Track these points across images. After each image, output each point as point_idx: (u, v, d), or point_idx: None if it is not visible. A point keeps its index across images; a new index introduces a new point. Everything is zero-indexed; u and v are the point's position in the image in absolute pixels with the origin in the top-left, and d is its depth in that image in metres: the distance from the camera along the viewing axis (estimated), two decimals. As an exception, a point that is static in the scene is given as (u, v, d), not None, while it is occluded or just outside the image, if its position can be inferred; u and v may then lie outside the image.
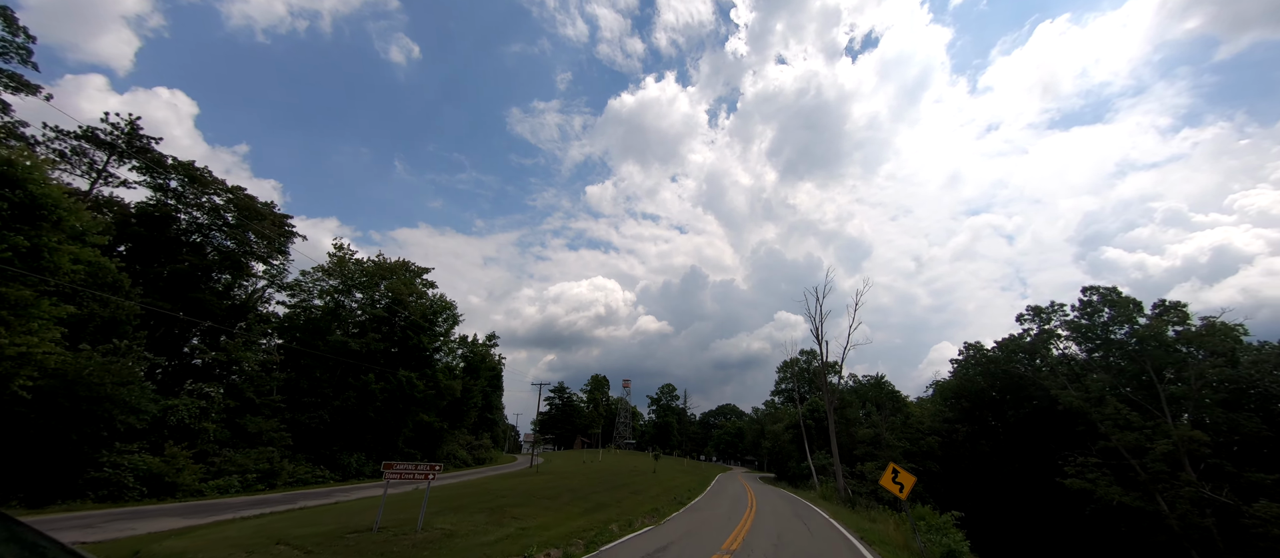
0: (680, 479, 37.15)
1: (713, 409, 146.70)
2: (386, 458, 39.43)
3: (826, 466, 44.36)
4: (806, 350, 62.35)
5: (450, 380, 43.30)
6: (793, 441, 52.87)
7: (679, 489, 29.23)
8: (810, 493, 35.11)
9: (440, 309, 44.24)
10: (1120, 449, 32.69)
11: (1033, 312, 43.73)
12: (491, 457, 63.01)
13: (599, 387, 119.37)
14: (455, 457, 53.60)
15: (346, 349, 35.24)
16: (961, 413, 55.27)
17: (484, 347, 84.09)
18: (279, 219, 37.39)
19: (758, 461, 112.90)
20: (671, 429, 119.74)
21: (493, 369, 70.05)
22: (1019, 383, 44.96)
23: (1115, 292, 39.60)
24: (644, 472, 39.68)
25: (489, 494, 20.42)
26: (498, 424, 70.26)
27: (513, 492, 21.72)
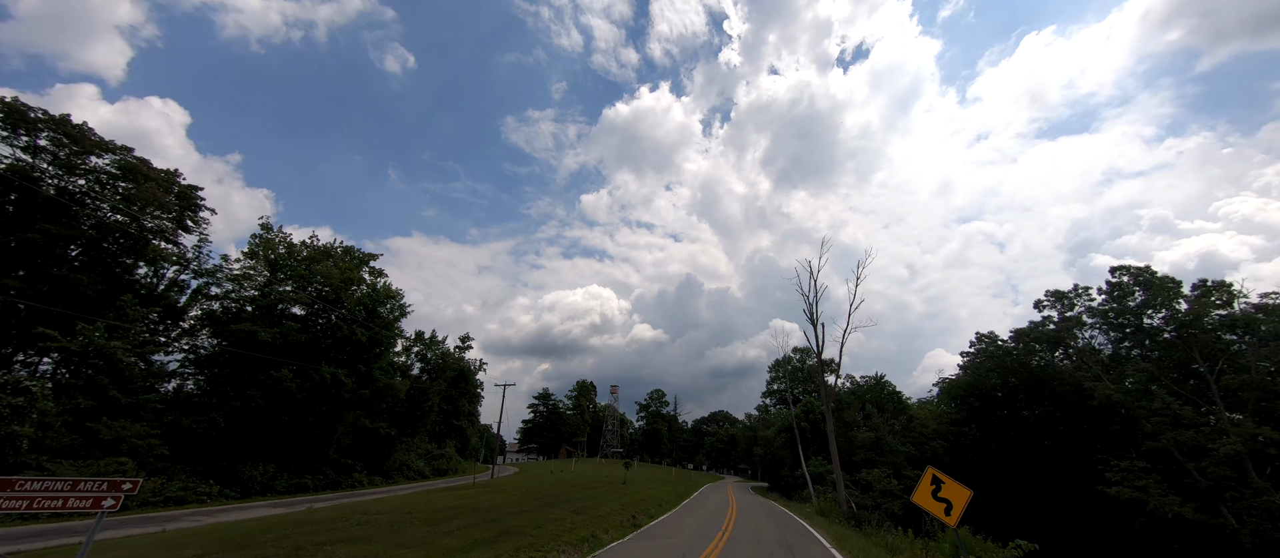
0: (653, 491, 31.39)
1: (705, 416, 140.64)
2: (313, 469, 33.51)
3: (824, 473, 38.70)
4: (800, 349, 56.86)
5: (390, 379, 37.44)
6: (785, 446, 47.18)
7: (644, 504, 23.51)
8: (805, 507, 29.45)
9: (383, 298, 38.48)
10: (1172, 450, 27.29)
11: (1053, 297, 38.47)
12: (457, 467, 56.88)
13: (585, 393, 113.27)
14: (410, 468, 47.53)
15: (252, 340, 29.45)
16: (970, 413, 49.84)
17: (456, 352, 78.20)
18: (183, 190, 31.77)
19: (750, 469, 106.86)
20: (661, 437, 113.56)
21: (460, 371, 64.18)
22: (1039, 377, 39.62)
23: (1149, 271, 34.44)
24: (611, 483, 33.88)
25: (357, 520, 14.69)
26: (466, 432, 64.14)
27: (401, 514, 16.01)
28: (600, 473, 46.10)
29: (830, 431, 25.94)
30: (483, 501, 20.05)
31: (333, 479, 35.53)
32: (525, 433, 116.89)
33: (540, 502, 20.10)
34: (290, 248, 36.53)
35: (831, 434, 25.85)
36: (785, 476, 50.36)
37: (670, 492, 34.70)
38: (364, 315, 38.37)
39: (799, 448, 38.37)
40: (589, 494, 24.50)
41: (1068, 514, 35.58)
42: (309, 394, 30.94)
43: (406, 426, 45.24)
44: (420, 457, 51.11)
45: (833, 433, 25.87)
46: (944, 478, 9.07)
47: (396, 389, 37.94)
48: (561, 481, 35.03)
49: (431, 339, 49.02)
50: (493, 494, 22.60)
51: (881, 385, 58.89)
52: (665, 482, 47.82)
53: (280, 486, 29.61)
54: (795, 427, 40.03)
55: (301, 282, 34.32)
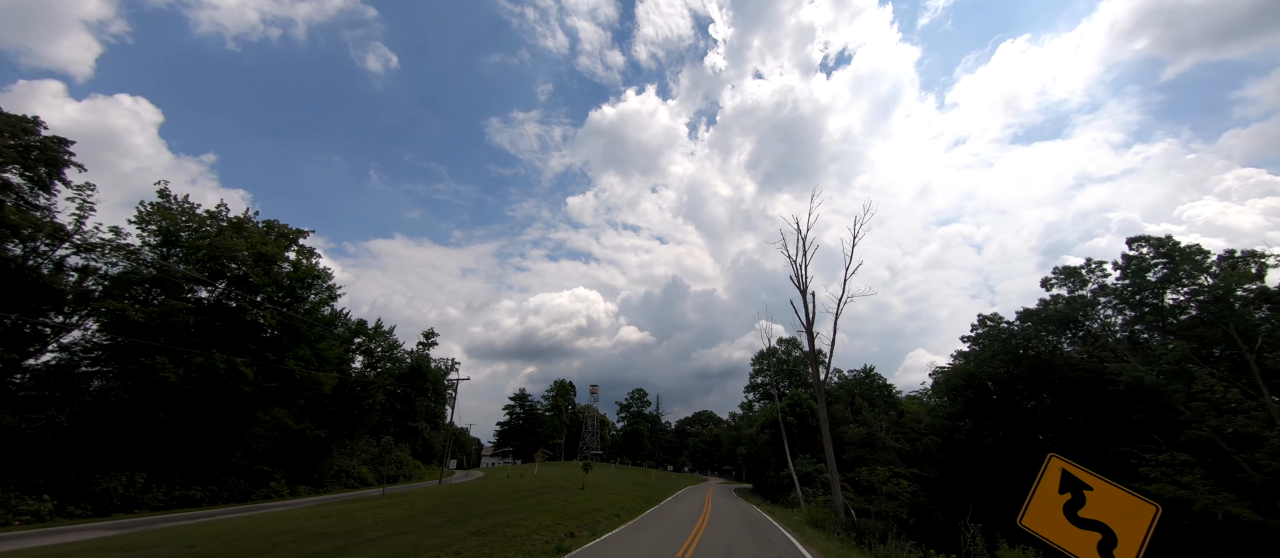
0: (613, 498, 26.39)
1: (689, 417, 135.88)
2: (208, 479, 27.81)
3: (813, 473, 34.09)
4: (786, 339, 52.41)
5: (313, 372, 31.88)
6: (770, 444, 42.53)
7: (592, 516, 18.55)
8: (793, 514, 24.75)
9: (306, 277, 32.91)
10: (1217, 440, 23.19)
11: (1063, 274, 34.43)
12: (410, 472, 51.16)
13: (563, 393, 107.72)
14: (351, 475, 41.81)
15: (121, 321, 23.81)
16: (966, 406, 45.83)
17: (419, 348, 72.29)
18: (45, 142, 25.98)
19: (734, 470, 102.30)
20: (642, 438, 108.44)
21: (416, 368, 58.45)
22: (1046, 363, 35.56)
23: (1171, 241, 30.57)
24: (566, 489, 28.79)
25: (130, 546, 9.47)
26: (425, 434, 58.36)
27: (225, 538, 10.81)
28: (562, 477, 40.90)
29: (823, 422, 21.24)
30: (369, 517, 14.89)
31: (241, 490, 29.88)
32: (501, 436, 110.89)
33: (442, 518, 14.99)
34: (193, 218, 30.85)
35: (825, 426, 21.14)
36: (770, 476, 45.74)
37: (637, 498, 29.76)
38: (286, 299, 32.82)
39: (785, 445, 33.71)
40: (524, 505, 19.41)
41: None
42: (195, 387, 25.32)
43: (345, 427, 39.60)
44: (364, 462, 45.41)
45: (826, 424, 21.17)
46: (1093, 479, 4.28)
47: (320, 384, 32.38)
48: (508, 487, 29.85)
49: (376, 330, 43.40)
50: (392, 510, 17.41)
51: (871, 378, 54.72)
52: (638, 485, 42.85)
53: (155, 499, 23.95)
54: (781, 422, 35.39)
55: (197, 255, 28.64)
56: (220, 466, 29.11)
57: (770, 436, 41.68)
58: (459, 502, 19.70)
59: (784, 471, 36.33)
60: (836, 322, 20.89)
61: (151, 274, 27.48)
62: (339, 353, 36.03)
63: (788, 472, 34.78)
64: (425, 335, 72.88)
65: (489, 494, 23.74)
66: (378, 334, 43.02)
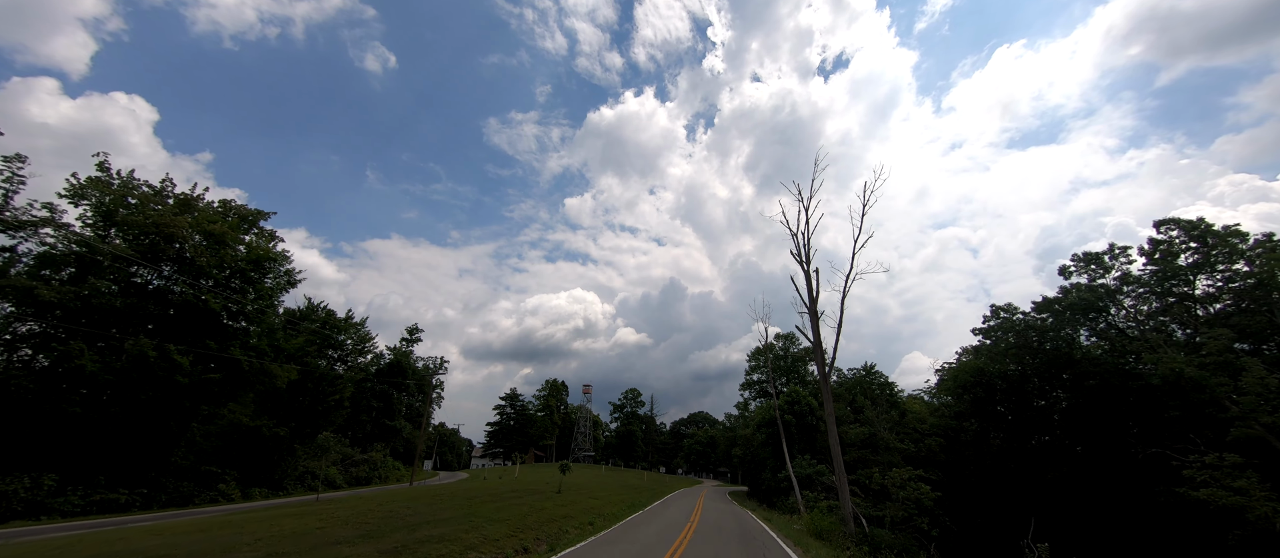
0: (592, 503, 23.52)
1: (684, 418, 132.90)
2: (140, 481, 24.78)
3: (814, 476, 31.22)
4: (783, 335, 49.56)
5: (265, 363, 28.89)
6: (767, 444, 39.64)
7: (557, 527, 15.70)
8: (793, 522, 21.91)
9: (261, 259, 29.93)
10: (1269, 439, 20.47)
11: (1084, 261, 31.70)
12: (386, 474, 48.07)
13: (555, 393, 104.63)
14: (318, 476, 38.74)
15: (31, 301, 20.84)
16: (974, 404, 43.09)
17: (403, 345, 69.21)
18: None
19: (730, 471, 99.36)
20: (636, 439, 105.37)
21: (395, 363, 55.45)
22: (1064, 357, 32.87)
23: (1204, 225, 27.92)
24: (539, 493, 25.86)
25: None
26: (403, 433, 55.26)
27: None
28: (543, 479, 37.92)
29: (829, 416, 18.35)
30: (265, 530, 11.97)
31: (182, 493, 26.86)
32: (491, 436, 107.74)
33: (358, 531, 12.08)
34: (134, 193, 27.90)
35: (831, 422, 18.26)
36: (767, 478, 42.86)
37: (620, 502, 26.86)
38: (235, 282, 29.85)
39: (783, 445, 30.84)
40: (477, 513, 16.49)
41: (1110, 520, 28.70)
42: (120, 377, 22.34)
43: (309, 425, 36.56)
44: (334, 463, 42.34)
45: (832, 420, 18.29)
46: None
47: (274, 376, 29.38)
48: (478, 490, 26.93)
49: (346, 321, 40.34)
50: (303, 520, 14.53)
51: (872, 376, 51.93)
52: (626, 488, 39.93)
53: (68, 504, 20.93)
54: (778, 420, 32.51)
55: (131, 233, 25.68)
56: (157, 466, 26.09)
57: (767, 435, 38.84)
58: (397, 509, 16.76)
59: (782, 473, 33.47)
60: (843, 303, 18.14)
61: (79, 253, 24.51)
62: (298, 344, 33.04)
63: (786, 474, 31.93)
64: (409, 332, 70.07)
65: (445, 499, 20.80)
66: (348, 326, 39.99)
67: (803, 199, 19.75)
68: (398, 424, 52.65)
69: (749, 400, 55.64)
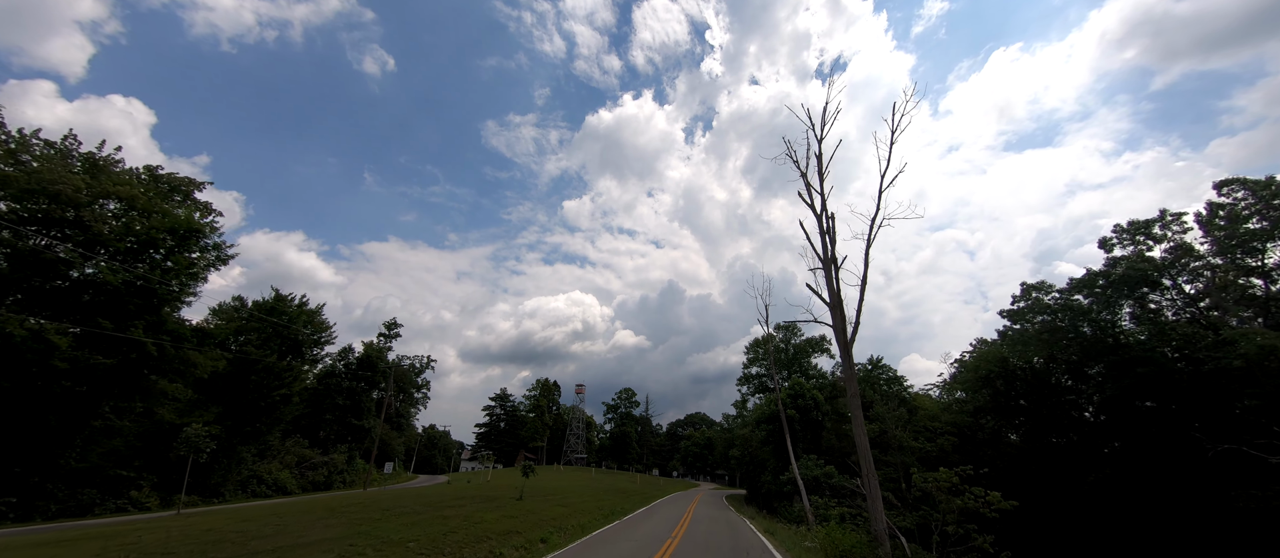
0: (559, 513, 19.20)
1: (680, 419, 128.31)
2: (16, 487, 20.35)
3: (822, 478, 26.79)
4: (785, 325, 45.26)
5: (183, 350, 24.46)
6: (768, 441, 35.22)
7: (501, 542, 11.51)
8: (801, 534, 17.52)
9: (179, 230, 25.52)
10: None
11: (1129, 231, 27.43)
12: (351, 478, 43.57)
13: (546, 393, 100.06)
14: (265, 481, 34.28)
15: None
16: (993, 398, 38.74)
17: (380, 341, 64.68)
18: None
19: (728, 474, 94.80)
20: (630, 440, 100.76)
21: (369, 361, 51.03)
22: (1105, 342, 28.56)
23: (1275, 183, 23.74)
24: (494, 500, 21.46)
25: None
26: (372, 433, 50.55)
27: None
28: (511, 484, 33.45)
29: (853, 402, 13.82)
30: None
31: (79, 503, 22.52)
32: (480, 438, 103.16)
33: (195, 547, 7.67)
34: (31, 151, 23.55)
35: (856, 408, 13.73)
36: (767, 481, 38.43)
37: (597, 510, 22.49)
38: (154, 255, 25.47)
39: (787, 443, 26.44)
40: (379, 531, 12.09)
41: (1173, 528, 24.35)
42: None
43: (253, 423, 32.05)
44: (287, 466, 37.84)
45: (857, 405, 13.76)
46: None
47: (194, 365, 24.98)
48: (425, 497, 22.57)
49: (299, 309, 35.79)
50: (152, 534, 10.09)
51: (878, 370, 47.62)
52: (612, 493, 35.48)
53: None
54: (781, 413, 28.11)
55: (18, 194, 21.34)
56: (41, 470, 21.66)
57: (767, 433, 34.41)
58: (284, 523, 12.38)
59: (785, 474, 29.08)
60: (868, 253, 13.79)
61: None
62: (229, 332, 28.63)
63: (790, 476, 27.55)
64: (387, 326, 65.59)
65: (365, 509, 16.40)
66: (300, 314, 35.49)
67: (812, 124, 15.28)
68: (368, 424, 48.12)
69: (747, 396, 51.31)
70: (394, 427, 65.52)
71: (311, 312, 36.47)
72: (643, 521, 20.72)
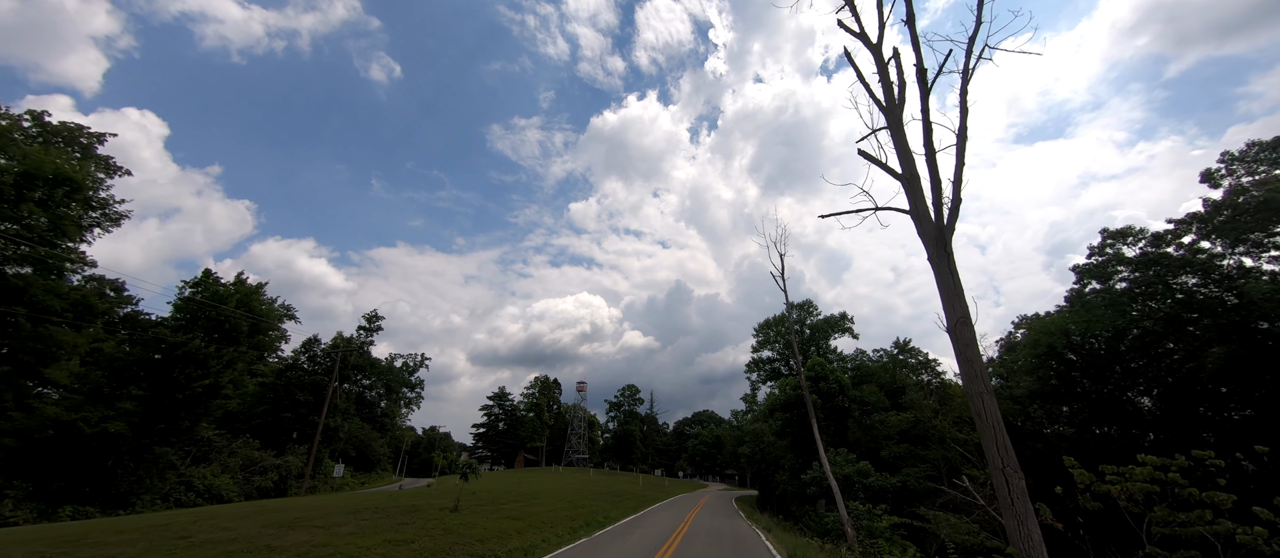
0: (506, 526, 13.72)
1: (688, 417, 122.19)
2: None
3: (855, 476, 20.81)
4: (800, 305, 39.18)
5: (34, 325, 19.21)
6: (784, 433, 29.27)
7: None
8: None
9: (52, 178, 20.31)
10: None
11: (1268, 148, 21.15)
12: (314, 484, 38.23)
13: (546, 391, 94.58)
14: (197, 488, 28.97)
15: None
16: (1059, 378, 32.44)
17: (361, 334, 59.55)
18: None
19: (738, 473, 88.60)
20: (634, 440, 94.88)
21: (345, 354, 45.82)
22: (1205, 302, 22.40)
23: None
24: (421, 511, 15.88)
25: None
26: (341, 433, 45.29)
27: None
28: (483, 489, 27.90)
29: (965, 339, 7.55)
30: None
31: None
32: (478, 439, 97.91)
33: None
34: None
35: (972, 349, 7.31)
36: (782, 481, 32.46)
37: (567, 523, 16.90)
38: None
39: (814, 430, 20.46)
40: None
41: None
42: None
43: (172, 418, 26.85)
44: (227, 471, 32.57)
45: (974, 340, 7.40)
46: None
47: (56, 343, 19.72)
48: (332, 506, 17.05)
49: (240, 286, 30.55)
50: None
51: (907, 353, 41.46)
52: (603, 498, 29.80)
53: None
54: (805, 395, 22.08)
55: None
56: None
57: (785, 422, 28.46)
58: None
59: (808, 473, 23.16)
60: (965, 100, 8.23)
61: None
62: (107, 306, 23.39)
63: (815, 475, 21.64)
64: (367, 319, 60.51)
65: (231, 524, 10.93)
66: (232, 294, 30.20)
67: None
68: (334, 423, 42.82)
69: (758, 384, 45.19)
70: (377, 427, 60.37)
71: (251, 289, 31.19)
72: (620, 537, 15.05)
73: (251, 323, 30.60)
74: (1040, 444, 34.55)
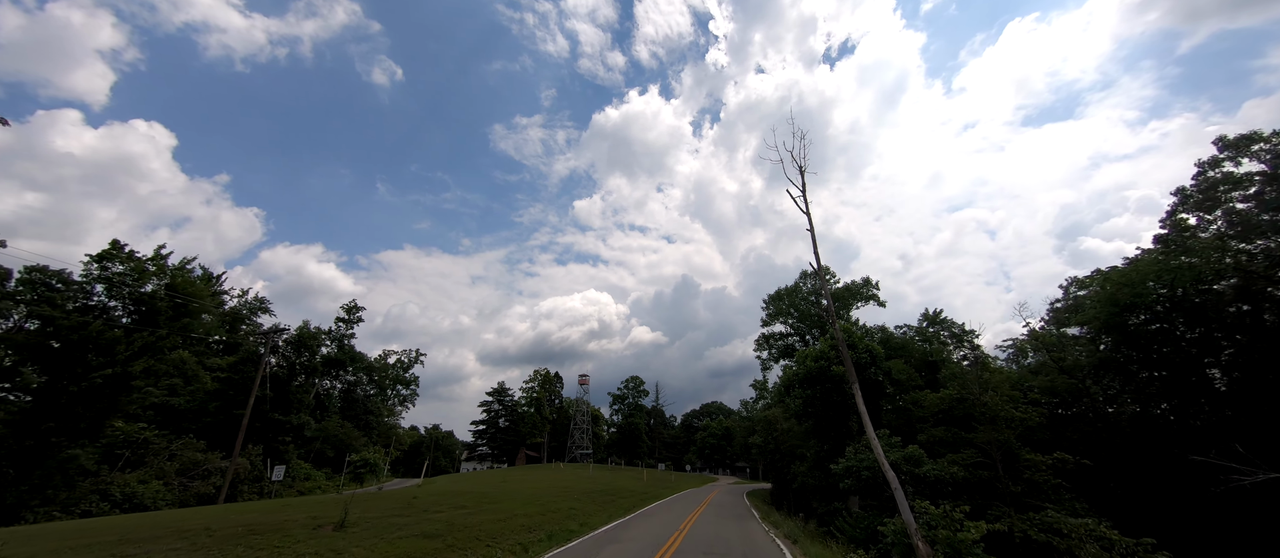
0: (407, 551, 8.38)
1: (696, 409, 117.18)
2: None
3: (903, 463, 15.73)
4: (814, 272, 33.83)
5: None
6: (807, 413, 23.88)
7: None
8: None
9: None
10: None
11: None
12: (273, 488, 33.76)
13: (546, 385, 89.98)
14: (112, 496, 24.46)
15: None
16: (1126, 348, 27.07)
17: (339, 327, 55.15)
18: None
19: (749, 466, 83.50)
20: (639, 433, 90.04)
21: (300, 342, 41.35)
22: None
23: None
24: (282, 532, 10.82)
25: None
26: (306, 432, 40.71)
27: None
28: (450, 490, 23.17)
29: None
30: None
31: None
32: (478, 436, 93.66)
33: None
34: None
35: None
36: (802, 474, 27.25)
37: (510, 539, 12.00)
38: None
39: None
40: None
41: None
42: None
43: (68, 414, 22.36)
44: (163, 476, 28.08)
45: None
46: None
47: None
48: (215, 518, 12.16)
49: (157, 259, 25.96)
50: None
51: (940, 323, 36.14)
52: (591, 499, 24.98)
53: None
54: (844, 352, 16.50)
55: None
56: None
57: (806, 400, 23.03)
58: None
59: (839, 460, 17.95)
60: None
61: None
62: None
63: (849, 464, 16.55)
64: (346, 310, 56.16)
65: None
66: (178, 273, 25.59)
67: None
68: (300, 420, 38.35)
69: (769, 363, 39.70)
70: (360, 425, 55.98)
71: (175, 268, 26.58)
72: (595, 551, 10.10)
73: (175, 305, 26.01)
74: (1101, 425, 29.32)
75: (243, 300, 42.85)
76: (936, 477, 15.37)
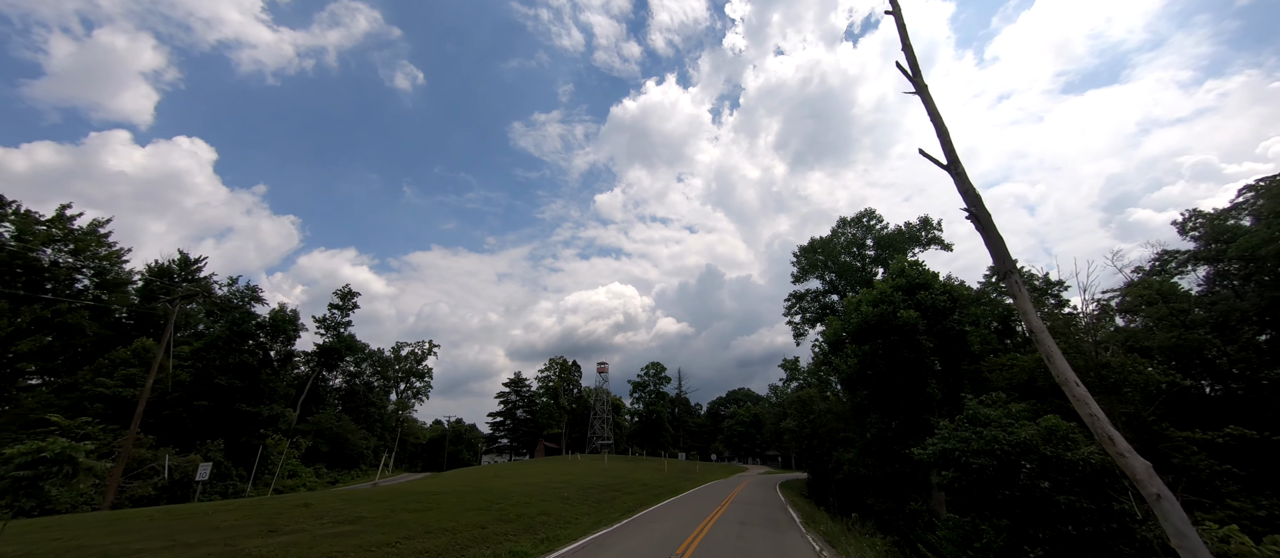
0: None
1: (722, 397, 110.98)
2: None
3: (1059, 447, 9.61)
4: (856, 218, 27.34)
5: None
6: (861, 377, 17.51)
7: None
8: None
9: None
10: None
11: None
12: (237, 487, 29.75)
13: (563, 374, 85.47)
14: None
15: None
16: None
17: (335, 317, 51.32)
18: None
19: (780, 454, 77.11)
20: (662, 422, 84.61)
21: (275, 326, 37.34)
22: None
23: None
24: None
25: None
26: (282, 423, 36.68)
27: None
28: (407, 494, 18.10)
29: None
30: None
31: None
32: (496, 428, 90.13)
33: None
34: None
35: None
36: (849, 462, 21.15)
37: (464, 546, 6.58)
38: None
39: (925, 361, 9.18)
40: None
41: None
42: None
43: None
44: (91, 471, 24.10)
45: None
46: None
47: None
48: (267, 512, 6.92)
49: (60, 220, 21.67)
50: None
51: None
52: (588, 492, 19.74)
53: None
54: (915, 302, 10.55)
55: None
56: None
57: (864, 358, 16.53)
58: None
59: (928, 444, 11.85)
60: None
61: None
62: None
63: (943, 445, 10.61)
64: (341, 296, 52.30)
65: None
66: (88, 237, 21.33)
67: None
68: (276, 412, 34.34)
69: (801, 328, 32.87)
70: (361, 419, 52.35)
71: (83, 231, 22.26)
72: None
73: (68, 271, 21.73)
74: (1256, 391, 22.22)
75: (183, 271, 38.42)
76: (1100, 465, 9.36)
